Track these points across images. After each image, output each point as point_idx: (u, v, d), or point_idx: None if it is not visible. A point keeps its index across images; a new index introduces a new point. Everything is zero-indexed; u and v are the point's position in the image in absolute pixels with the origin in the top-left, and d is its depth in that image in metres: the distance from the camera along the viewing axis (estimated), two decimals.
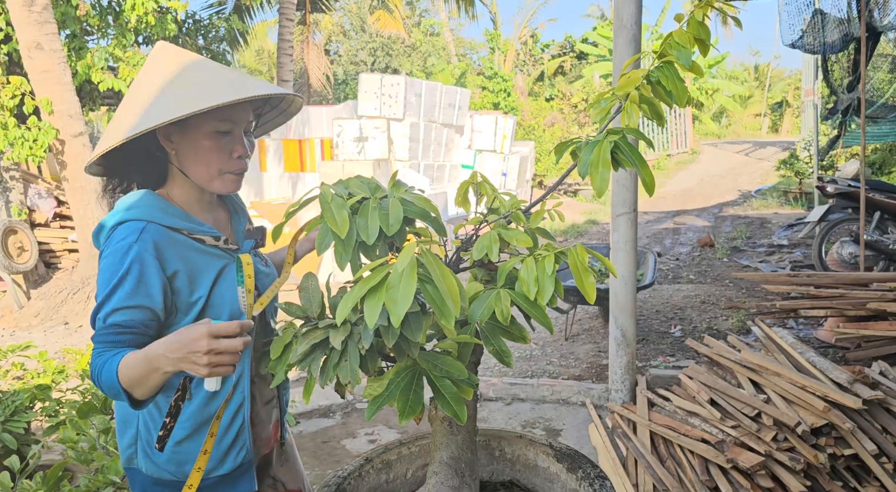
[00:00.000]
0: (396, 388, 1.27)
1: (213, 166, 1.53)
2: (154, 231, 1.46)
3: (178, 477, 1.56)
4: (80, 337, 6.61)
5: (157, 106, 1.44)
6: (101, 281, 1.43)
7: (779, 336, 4.05)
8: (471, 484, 1.39)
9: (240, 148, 1.55)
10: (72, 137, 7.32)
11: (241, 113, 1.53)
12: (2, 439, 2.79)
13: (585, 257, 1.32)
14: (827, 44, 8.04)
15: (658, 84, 1.48)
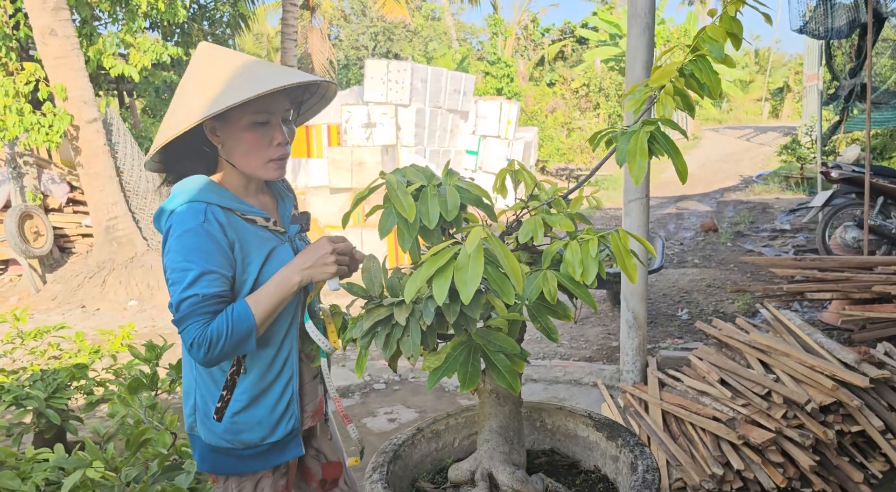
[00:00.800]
0: (455, 361, 1.38)
1: (255, 155, 1.63)
2: (215, 211, 1.58)
3: (235, 445, 1.68)
4: (97, 320, 6.73)
5: (198, 104, 1.55)
6: (180, 260, 1.53)
7: (786, 318, 4.17)
8: (519, 450, 1.51)
9: (279, 136, 1.64)
10: (86, 122, 7.40)
11: (276, 103, 1.62)
12: (46, 414, 2.91)
13: (628, 241, 1.43)
14: (833, 29, 8.11)
15: (691, 76, 1.57)
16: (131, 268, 7.56)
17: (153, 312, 7.04)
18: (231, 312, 1.52)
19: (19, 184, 7.90)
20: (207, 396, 1.67)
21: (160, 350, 2.87)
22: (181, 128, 1.53)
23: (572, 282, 1.46)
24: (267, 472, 1.73)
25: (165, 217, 1.62)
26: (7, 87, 7.04)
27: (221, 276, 1.54)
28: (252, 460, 1.70)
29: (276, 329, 1.68)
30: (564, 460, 1.68)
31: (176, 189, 1.64)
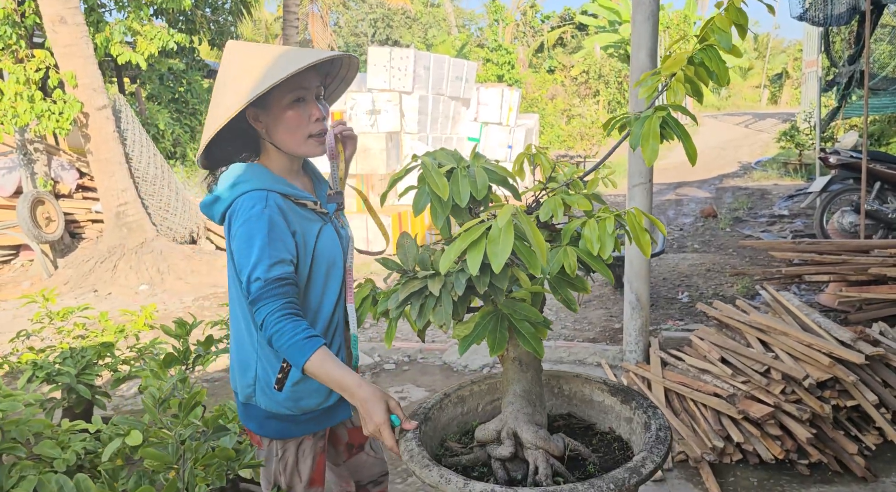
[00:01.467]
0: (484, 329, 1.50)
1: (298, 132, 1.74)
2: (275, 198, 1.70)
3: (294, 412, 1.82)
4: (109, 304, 6.85)
5: (237, 93, 1.66)
6: (246, 246, 1.64)
7: (785, 299, 4.30)
8: (541, 412, 1.64)
9: (316, 111, 1.75)
10: (95, 109, 7.49)
11: (309, 80, 1.73)
12: (77, 389, 3.05)
13: (642, 219, 1.55)
14: (833, 16, 8.21)
15: (701, 65, 1.70)
16: (141, 253, 7.68)
17: (164, 296, 7.17)
18: (303, 338, 1.59)
19: (30, 170, 8.00)
20: (269, 367, 1.79)
21: (190, 327, 3.00)
22: (229, 115, 1.64)
23: (590, 256, 1.58)
24: (309, 436, 1.87)
25: (222, 204, 1.74)
26: (18, 75, 7.13)
27: (283, 259, 1.65)
28: (308, 424, 1.84)
29: (328, 302, 1.81)
30: (581, 423, 1.81)
31: (227, 177, 1.75)
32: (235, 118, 1.67)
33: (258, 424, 1.85)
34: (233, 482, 2.92)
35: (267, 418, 1.83)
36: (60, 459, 2.41)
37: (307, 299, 1.78)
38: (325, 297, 1.80)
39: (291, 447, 1.86)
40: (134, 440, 2.24)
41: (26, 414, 2.71)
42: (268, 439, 1.87)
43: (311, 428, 1.85)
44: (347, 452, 2.14)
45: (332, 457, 2.15)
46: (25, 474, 2.31)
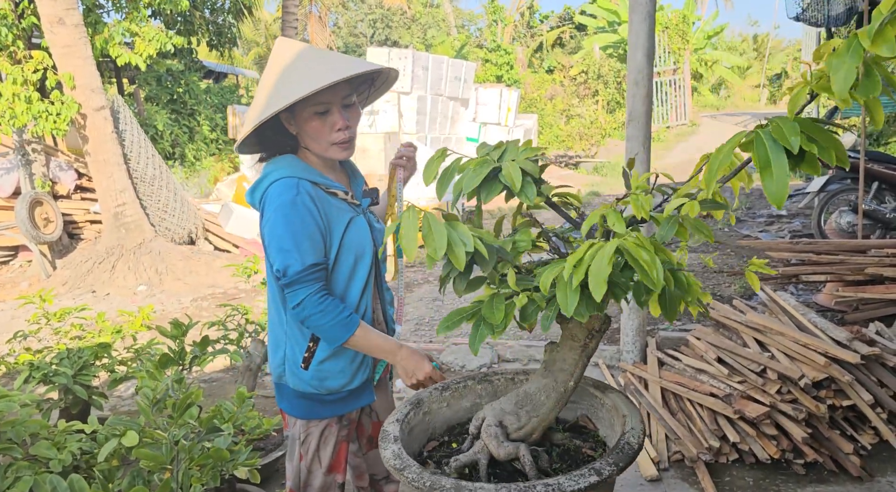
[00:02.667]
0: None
1: (321, 140, 1.85)
2: (306, 185, 1.80)
3: (320, 391, 1.91)
4: (107, 304, 6.86)
5: (266, 99, 1.76)
6: (280, 232, 1.74)
7: (782, 299, 4.31)
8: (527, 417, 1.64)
9: (339, 122, 1.84)
10: (94, 110, 7.49)
11: (332, 95, 1.81)
12: (74, 390, 3.05)
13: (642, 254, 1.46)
14: (831, 17, 8.22)
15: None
16: (139, 254, 7.69)
17: (162, 296, 7.17)
18: (347, 314, 1.78)
19: (28, 171, 8.01)
20: (296, 347, 1.89)
21: (186, 328, 3.01)
22: (252, 126, 1.76)
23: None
24: (332, 421, 1.96)
25: (259, 191, 1.85)
26: (15, 76, 7.13)
27: (316, 244, 1.78)
28: (333, 405, 1.94)
29: (354, 289, 1.89)
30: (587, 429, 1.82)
31: (267, 167, 1.88)
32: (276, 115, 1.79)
33: (290, 403, 1.96)
34: (229, 483, 2.92)
35: (296, 397, 1.94)
36: (56, 459, 2.41)
37: (332, 286, 1.86)
38: (352, 285, 1.89)
39: (314, 432, 1.95)
40: (130, 441, 2.25)
41: (22, 415, 2.71)
42: (293, 421, 1.98)
43: (336, 410, 1.95)
44: (368, 444, 2.22)
45: (354, 448, 2.24)
46: (21, 474, 2.31)
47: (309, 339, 1.88)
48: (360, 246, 1.89)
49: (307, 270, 1.75)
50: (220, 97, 15.05)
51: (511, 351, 4.97)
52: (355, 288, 1.89)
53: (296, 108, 1.80)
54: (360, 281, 1.91)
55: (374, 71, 1.90)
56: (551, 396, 1.55)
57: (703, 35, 25.26)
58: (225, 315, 3.87)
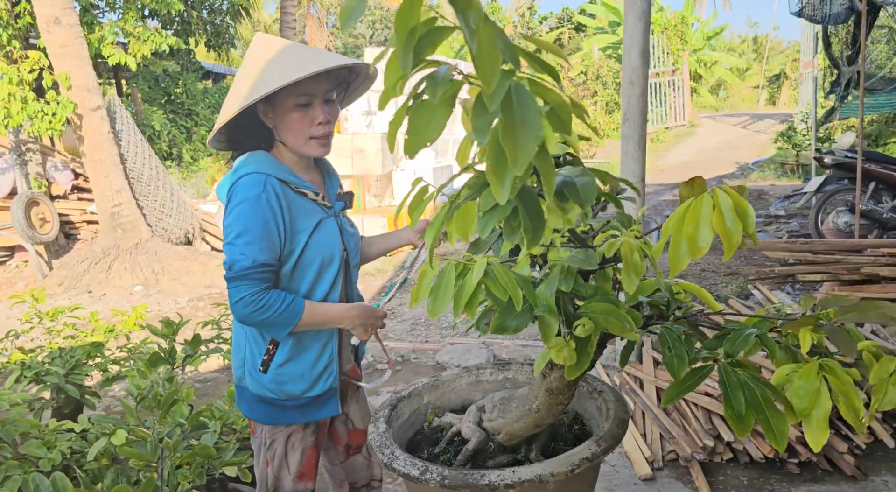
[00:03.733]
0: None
1: (300, 134, 1.81)
2: (273, 183, 1.76)
3: (279, 396, 1.87)
4: (103, 304, 6.85)
5: (245, 90, 1.73)
6: (237, 227, 1.71)
7: (777, 299, 4.31)
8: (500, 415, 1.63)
9: (320, 116, 1.81)
10: (90, 110, 7.48)
11: (316, 87, 1.79)
12: (66, 389, 3.04)
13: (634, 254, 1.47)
14: (831, 14, 8.23)
15: None
16: (136, 254, 7.68)
17: (158, 296, 7.16)
18: (289, 301, 1.73)
19: (24, 171, 8.00)
20: (255, 349, 1.86)
21: (176, 326, 3.00)
22: (230, 114, 1.73)
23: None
24: (298, 427, 1.91)
25: (228, 185, 1.82)
26: (11, 75, 7.12)
27: (272, 245, 1.73)
28: (293, 412, 1.88)
29: (318, 293, 1.85)
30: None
31: (239, 162, 1.84)
32: (252, 109, 1.78)
33: (248, 406, 1.92)
34: (221, 482, 2.91)
35: (255, 401, 1.89)
36: (46, 458, 2.40)
37: (293, 287, 1.83)
38: (316, 289, 1.85)
39: (280, 437, 1.91)
40: (119, 440, 2.24)
41: (13, 414, 2.70)
42: (260, 427, 1.93)
43: (297, 417, 1.90)
44: (345, 452, 2.18)
45: (331, 456, 2.19)
46: (11, 473, 2.30)
47: (269, 342, 1.84)
48: (327, 249, 1.85)
49: (255, 268, 1.70)
50: (217, 98, 15.04)
51: (507, 351, 4.96)
52: (319, 292, 1.86)
53: (277, 99, 1.77)
54: (326, 285, 1.87)
55: (352, 67, 1.89)
56: (519, 408, 1.53)
57: (702, 36, 25.28)
58: (219, 314, 3.87)
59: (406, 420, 1.83)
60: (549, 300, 1.17)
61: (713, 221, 1.02)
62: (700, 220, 1.03)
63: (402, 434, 1.79)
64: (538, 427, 1.53)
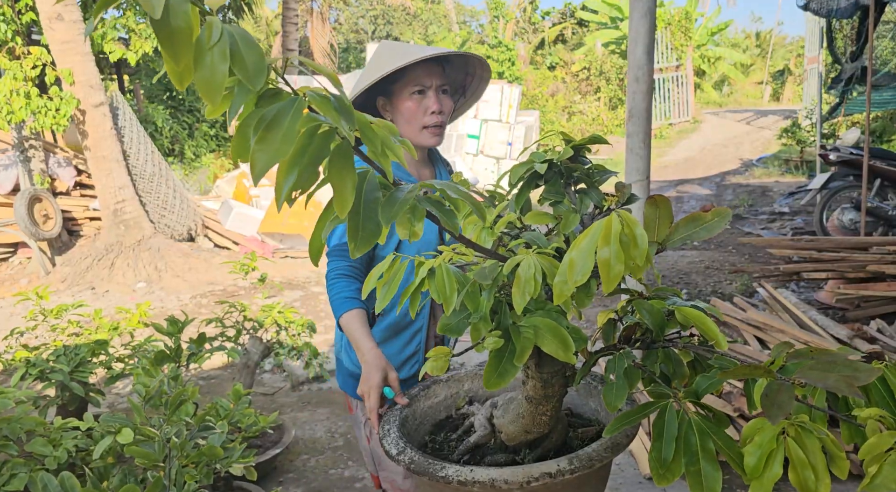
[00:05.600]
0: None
1: (413, 123, 1.91)
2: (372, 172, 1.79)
3: None
4: (106, 301, 6.85)
5: (360, 83, 1.89)
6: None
7: (783, 297, 4.29)
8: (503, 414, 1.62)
9: (433, 105, 1.91)
10: (93, 106, 7.48)
11: (429, 77, 1.90)
12: (70, 387, 3.04)
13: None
14: (836, 9, 8.21)
15: None
16: (139, 251, 7.67)
17: (161, 293, 7.16)
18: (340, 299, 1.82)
19: (27, 168, 7.99)
20: None
21: (182, 325, 2.99)
22: (352, 96, 1.85)
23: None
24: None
25: None
26: (14, 71, 7.11)
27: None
28: None
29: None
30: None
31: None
32: (373, 106, 1.94)
33: (342, 379, 2.03)
34: (226, 481, 2.91)
35: (348, 375, 1.99)
36: (52, 457, 2.40)
37: None
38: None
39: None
40: (125, 438, 2.23)
41: (18, 412, 2.70)
42: (354, 403, 2.03)
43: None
44: None
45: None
46: (16, 471, 2.30)
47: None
48: (423, 240, 1.91)
49: (338, 247, 1.84)
50: None
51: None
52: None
53: (394, 91, 1.90)
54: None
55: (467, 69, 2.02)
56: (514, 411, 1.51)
57: (705, 32, 25.21)
58: (223, 312, 3.86)
59: (440, 402, 1.82)
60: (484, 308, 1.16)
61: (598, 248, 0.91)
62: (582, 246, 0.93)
63: (432, 415, 1.78)
64: (528, 433, 1.52)
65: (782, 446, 0.96)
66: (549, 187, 1.39)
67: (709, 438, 1.00)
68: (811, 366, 0.94)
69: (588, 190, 1.41)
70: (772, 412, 0.88)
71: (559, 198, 1.38)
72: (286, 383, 4.83)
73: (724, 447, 1.00)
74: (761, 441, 0.96)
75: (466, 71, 2.07)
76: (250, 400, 2.94)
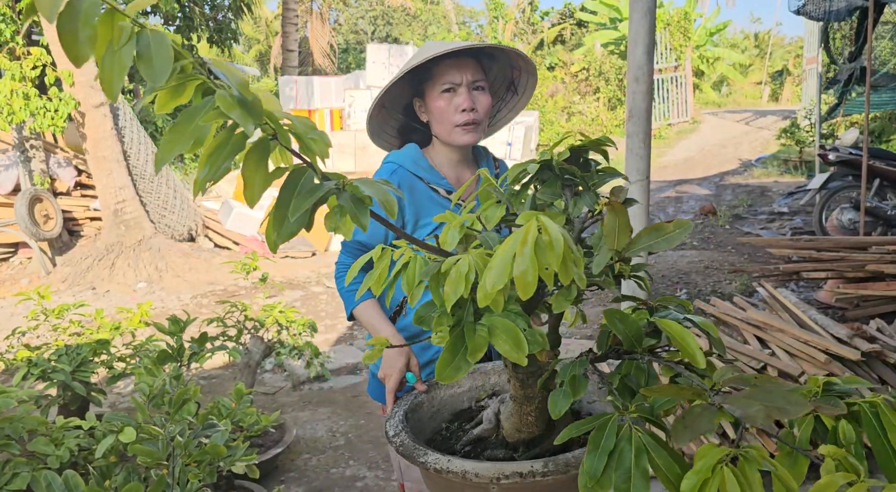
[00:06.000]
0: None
1: (445, 122, 1.88)
2: (402, 173, 1.87)
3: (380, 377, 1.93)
4: (106, 301, 6.85)
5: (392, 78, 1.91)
6: None
7: (782, 296, 4.30)
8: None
9: (463, 103, 1.86)
10: (93, 107, 7.49)
11: (459, 74, 1.86)
12: (72, 386, 3.04)
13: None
14: (832, 11, 8.21)
15: None
16: (139, 251, 7.68)
17: (161, 293, 7.17)
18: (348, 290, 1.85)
19: (27, 168, 8.00)
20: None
21: (184, 324, 3.00)
22: (379, 95, 1.92)
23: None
24: None
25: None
26: (14, 72, 7.12)
27: (375, 229, 1.83)
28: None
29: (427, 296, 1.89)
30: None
31: (388, 154, 2.02)
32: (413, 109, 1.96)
33: (369, 382, 2.05)
34: (227, 479, 2.92)
35: (372, 376, 1.99)
36: (54, 456, 2.40)
37: None
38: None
39: None
40: (127, 437, 2.24)
41: (20, 411, 2.70)
42: (381, 407, 2.01)
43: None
44: None
45: None
46: (19, 471, 2.30)
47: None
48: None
49: (352, 244, 1.87)
50: None
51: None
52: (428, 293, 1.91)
53: (426, 91, 1.89)
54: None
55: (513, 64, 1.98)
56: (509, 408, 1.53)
57: (704, 32, 25.23)
58: (224, 312, 3.87)
59: (463, 392, 1.83)
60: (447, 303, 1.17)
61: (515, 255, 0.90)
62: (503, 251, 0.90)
63: (452, 404, 1.79)
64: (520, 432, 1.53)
65: (718, 475, 0.91)
66: (545, 188, 1.40)
67: (645, 456, 0.95)
68: (746, 394, 0.93)
69: (583, 192, 1.41)
70: (679, 434, 0.85)
71: (554, 199, 1.39)
72: (287, 383, 4.84)
73: (662, 468, 0.97)
74: (701, 468, 0.93)
75: (511, 65, 2.00)
76: (252, 399, 2.95)
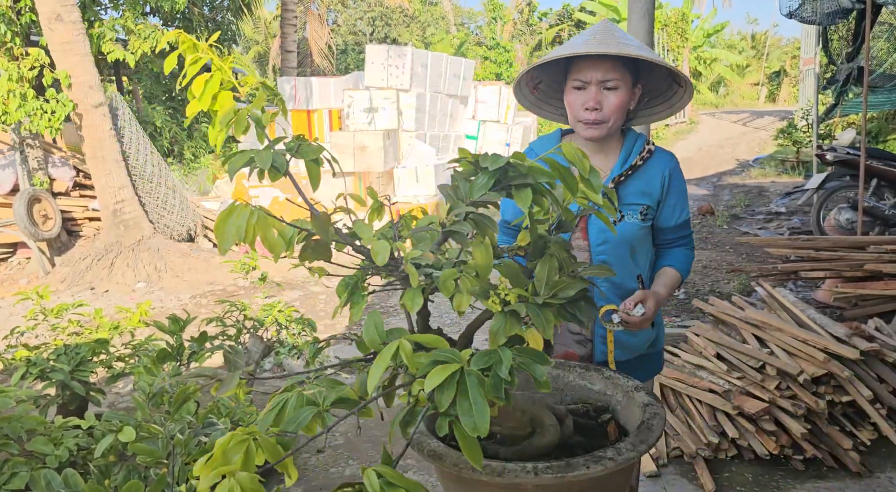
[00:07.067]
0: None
1: (571, 115, 1.97)
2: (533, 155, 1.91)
3: None
4: (105, 301, 6.85)
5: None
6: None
7: (781, 295, 4.31)
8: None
9: (589, 101, 1.90)
10: (92, 107, 7.48)
11: (591, 72, 1.87)
12: (71, 386, 3.04)
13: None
14: (825, 14, 8.22)
15: None
16: (138, 251, 7.68)
17: (161, 293, 7.16)
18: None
19: (26, 168, 7.99)
20: None
21: (184, 323, 3.00)
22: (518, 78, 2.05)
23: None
24: None
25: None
26: (11, 72, 7.12)
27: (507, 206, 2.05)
28: None
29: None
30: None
31: (532, 142, 2.12)
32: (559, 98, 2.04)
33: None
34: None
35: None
36: (53, 455, 2.40)
37: None
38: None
39: None
40: (126, 436, 2.24)
41: (19, 411, 2.70)
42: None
43: None
44: None
45: None
46: (18, 470, 2.30)
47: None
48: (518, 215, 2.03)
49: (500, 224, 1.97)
50: None
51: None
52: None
53: (567, 80, 1.94)
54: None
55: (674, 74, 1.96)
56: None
57: (702, 33, 25.27)
58: (223, 311, 3.87)
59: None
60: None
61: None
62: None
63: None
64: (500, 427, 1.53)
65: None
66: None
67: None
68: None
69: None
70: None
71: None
72: (286, 382, 4.83)
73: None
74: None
75: (673, 81, 1.98)
76: (251, 399, 2.95)
